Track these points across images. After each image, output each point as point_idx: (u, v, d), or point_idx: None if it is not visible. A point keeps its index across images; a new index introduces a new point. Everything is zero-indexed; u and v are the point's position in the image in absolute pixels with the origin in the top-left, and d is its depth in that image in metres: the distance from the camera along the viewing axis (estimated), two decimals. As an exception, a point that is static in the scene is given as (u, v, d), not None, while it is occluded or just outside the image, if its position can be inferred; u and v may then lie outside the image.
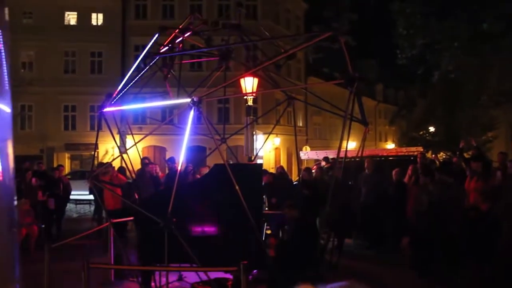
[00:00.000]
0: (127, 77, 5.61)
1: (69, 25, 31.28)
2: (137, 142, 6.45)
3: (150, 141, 27.99)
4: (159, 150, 30.02)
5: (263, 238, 6.82)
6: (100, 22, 31.48)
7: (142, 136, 7.07)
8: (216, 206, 6.21)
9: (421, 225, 7.71)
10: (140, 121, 29.36)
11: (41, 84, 28.81)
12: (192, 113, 5.04)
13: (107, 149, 29.04)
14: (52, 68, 30.05)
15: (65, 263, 7.37)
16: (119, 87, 5.55)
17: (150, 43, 5.62)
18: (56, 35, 29.57)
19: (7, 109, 2.82)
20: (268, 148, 29.41)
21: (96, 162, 11.17)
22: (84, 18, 31.08)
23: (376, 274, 7.99)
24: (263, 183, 10.07)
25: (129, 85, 5.58)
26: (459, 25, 10.63)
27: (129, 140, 18.62)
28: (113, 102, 5.50)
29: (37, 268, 5.82)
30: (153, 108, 28.64)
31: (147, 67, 5.76)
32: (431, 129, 35.02)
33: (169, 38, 6.01)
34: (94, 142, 6.63)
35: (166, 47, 6.20)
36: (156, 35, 5.64)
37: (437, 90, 29.92)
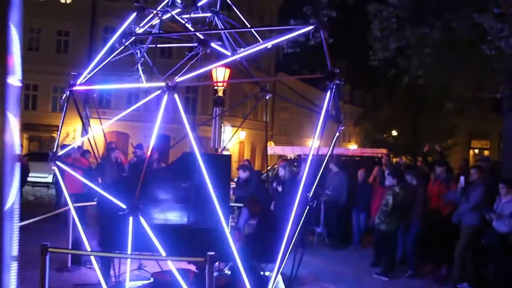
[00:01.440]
0: (99, 56, 5.38)
1: (36, 1, 30.12)
2: (105, 125, 6.22)
3: (113, 126, 27.31)
4: (122, 136, 29.41)
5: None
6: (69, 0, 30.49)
7: (106, 120, 6.83)
8: (183, 195, 6.08)
9: (385, 225, 7.80)
10: (105, 105, 28.72)
11: (3, 59, 27.68)
12: (165, 98, 4.88)
13: (68, 132, 28.25)
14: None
15: (21, 248, 7.07)
16: (90, 66, 5.33)
17: (126, 23, 5.41)
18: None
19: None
20: (233, 142, 29.30)
21: (49, 132, 10.75)
22: (52, -6, 30.03)
23: (337, 272, 8.04)
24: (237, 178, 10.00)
25: (101, 64, 5.36)
26: (432, 32, 10.78)
27: (93, 125, 18.12)
28: (83, 81, 5.27)
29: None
30: (118, 92, 28.16)
31: (122, 47, 5.55)
32: (394, 133, 35.80)
33: (147, 19, 5.82)
34: (55, 124, 6.39)
35: (142, 28, 6.01)
36: (133, 14, 5.43)
37: (403, 95, 30.55)
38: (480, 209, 6.92)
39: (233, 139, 29.19)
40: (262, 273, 6.23)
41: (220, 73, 11.37)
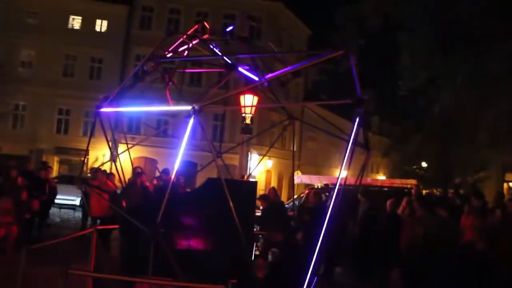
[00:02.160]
0: (127, 79, 5.42)
1: (72, 29, 31.25)
2: (130, 148, 6.23)
3: (141, 152, 27.74)
4: (150, 162, 29.67)
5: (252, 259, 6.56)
6: (104, 28, 31.47)
7: (135, 146, 6.85)
8: (206, 221, 5.97)
9: (415, 257, 7.49)
10: (134, 130, 29.14)
11: (38, 84, 28.66)
12: (191, 121, 4.84)
13: (98, 156, 28.69)
14: (51, 70, 29.89)
15: (43, 268, 7.06)
16: (118, 88, 5.36)
17: (156, 45, 5.46)
18: (58, 38, 29.45)
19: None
20: (259, 170, 29.20)
21: (85, 167, 10.93)
22: (88, 23, 31.08)
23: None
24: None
25: (129, 87, 5.39)
26: (463, 63, 10.62)
27: (121, 149, 18.34)
28: (111, 103, 5.30)
29: (13, 270, 5.52)
30: (148, 117, 28.57)
31: (149, 71, 5.58)
32: (424, 164, 35.07)
33: (176, 43, 5.86)
34: (85, 148, 6.42)
35: (171, 53, 6.06)
36: (164, 39, 5.48)
37: (433, 126, 29.98)
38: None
39: (260, 167, 29.13)
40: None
41: (248, 100, 11.35)
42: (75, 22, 31.50)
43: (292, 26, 34.18)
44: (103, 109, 5.17)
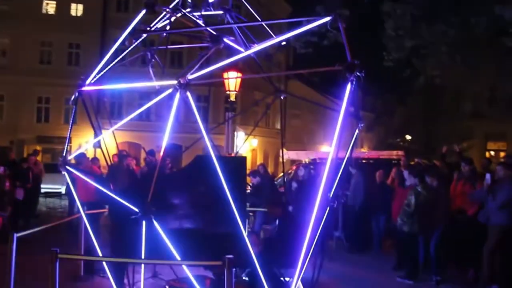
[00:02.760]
0: (107, 56, 5.21)
1: (47, 14, 30.36)
2: (114, 129, 6.02)
3: (125, 137, 27.36)
4: (134, 147, 29.35)
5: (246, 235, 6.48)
6: (79, 13, 30.65)
7: (118, 130, 6.63)
8: (197, 199, 5.85)
9: (407, 227, 7.49)
10: (117, 116, 28.77)
11: (15, 73, 27.94)
12: (177, 97, 4.67)
13: (81, 144, 28.23)
14: (27, 58, 29.09)
15: (31, 256, 6.90)
16: (99, 66, 5.15)
17: (136, 20, 5.23)
18: (33, 24, 28.58)
19: None
20: (245, 149, 29.11)
21: (69, 149, 10.67)
22: (63, 8, 30.20)
23: (360, 277, 7.75)
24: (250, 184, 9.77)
25: (111, 64, 5.18)
26: (449, 30, 10.52)
27: (105, 134, 17.98)
28: (92, 81, 5.10)
29: (0, 261, 5.36)
30: (130, 101, 28.17)
31: (132, 46, 5.38)
32: (408, 137, 35.37)
33: (158, 19, 5.65)
34: (68, 136, 6.19)
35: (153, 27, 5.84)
36: (142, 12, 5.25)
37: (417, 98, 30.18)
38: (508, 207, 6.60)
39: (246, 147, 29.02)
40: (281, 278, 5.97)
41: (232, 77, 11.18)
42: (49, 7, 30.62)
43: (272, 3, 33.74)
44: (85, 88, 4.96)
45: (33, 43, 29.45)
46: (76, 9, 30.57)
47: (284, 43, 5.72)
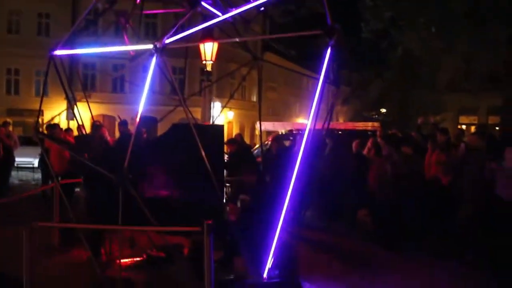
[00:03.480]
0: (80, 18, 5.01)
1: (14, -18, 29.20)
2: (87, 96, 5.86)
3: (99, 109, 26.87)
4: (109, 119, 28.89)
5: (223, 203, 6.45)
6: (49, -19, 29.53)
7: (92, 102, 6.46)
8: (174, 167, 5.77)
9: (384, 195, 7.58)
10: (90, 88, 28.18)
11: (-19, 44, 26.97)
12: (154, 61, 4.55)
13: (53, 116, 27.67)
14: (-6, 27, 28.06)
15: (5, 228, 6.77)
16: (72, 29, 4.96)
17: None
18: (0, -8, 27.51)
19: None
20: (221, 122, 28.99)
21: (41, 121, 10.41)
22: (32, -25, 29.04)
23: (336, 245, 7.85)
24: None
25: (82, 28, 4.99)
26: (426, 2, 10.51)
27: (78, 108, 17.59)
28: (64, 46, 4.91)
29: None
30: (103, 74, 27.59)
31: (103, 10, 5.18)
32: (383, 110, 35.72)
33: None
34: (39, 108, 6.01)
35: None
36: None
37: (394, 71, 30.31)
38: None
39: (222, 119, 28.88)
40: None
41: (208, 48, 10.99)
42: (17, -26, 29.41)
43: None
44: (57, 52, 4.78)
45: (0, 12, 28.34)
46: (46, -23, 29.44)
47: (262, 8, 5.59)
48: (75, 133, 10.25)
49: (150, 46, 4.49)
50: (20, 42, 28.20)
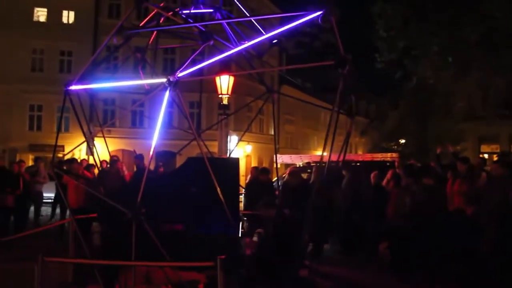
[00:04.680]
0: (95, 54, 5.10)
1: (38, 22, 30.20)
2: (106, 136, 5.91)
3: (118, 144, 27.22)
4: (128, 154, 29.16)
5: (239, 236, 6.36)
6: (71, 20, 30.48)
7: (112, 137, 6.54)
8: (190, 201, 5.73)
9: (403, 227, 7.38)
10: (110, 124, 28.59)
11: (6, 81, 27.73)
12: (167, 94, 4.57)
13: (74, 153, 28.01)
14: (19, 65, 28.86)
15: (21, 263, 6.74)
16: (87, 64, 5.04)
17: (125, 17, 5.13)
18: (24, 31, 28.40)
19: None
20: (239, 155, 29.03)
21: (60, 156, 10.51)
22: (54, 15, 30.01)
23: (356, 280, 7.63)
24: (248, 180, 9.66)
25: (98, 63, 5.07)
26: (438, 30, 10.51)
27: (97, 143, 17.83)
28: (80, 81, 4.98)
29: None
30: (123, 110, 27.99)
31: (119, 44, 5.27)
32: (402, 141, 35.39)
33: (148, 17, 5.55)
34: (61, 144, 6.12)
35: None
36: (132, 9, 5.15)
37: (409, 101, 30.18)
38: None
39: (240, 153, 28.93)
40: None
41: (224, 80, 11.10)
42: (40, 14, 30.43)
43: (262, 8, 33.74)
44: (73, 87, 4.85)
45: (25, 51, 29.25)
46: (68, 16, 30.41)
47: (275, 41, 5.63)
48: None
49: (164, 79, 4.52)
50: (43, 79, 28.94)
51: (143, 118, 29.75)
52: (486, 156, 33.08)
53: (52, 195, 13.19)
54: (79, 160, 12.01)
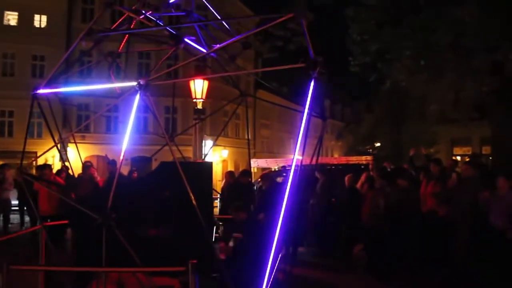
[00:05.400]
0: (64, 57, 5.01)
1: (9, 25, 29.59)
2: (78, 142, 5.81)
3: (92, 150, 26.86)
4: (102, 160, 28.76)
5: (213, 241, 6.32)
6: (43, 24, 29.96)
7: (86, 143, 6.44)
8: (162, 206, 5.67)
9: (378, 229, 7.45)
10: (84, 129, 28.17)
11: (-24, 86, 27.11)
12: (137, 98, 4.51)
13: (47, 159, 27.48)
14: (-11, 71, 28.28)
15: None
16: (55, 68, 4.95)
17: (94, 19, 5.06)
18: (-7, 36, 27.86)
19: None
20: (216, 160, 28.92)
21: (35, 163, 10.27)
22: (26, 19, 29.43)
23: (331, 282, 7.66)
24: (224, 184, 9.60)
25: (69, 66, 4.98)
26: (411, 33, 10.68)
27: (70, 149, 17.50)
28: (48, 85, 4.88)
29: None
30: (97, 116, 27.63)
31: (88, 49, 5.18)
32: (377, 144, 35.85)
33: (119, 20, 5.48)
34: (33, 150, 5.98)
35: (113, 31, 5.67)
36: (102, 11, 5.07)
37: (384, 104, 30.60)
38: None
39: (216, 158, 28.83)
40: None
41: (198, 84, 11.04)
42: (11, 18, 29.83)
43: (236, 10, 33.77)
44: (40, 91, 4.74)
45: (-5, 56, 28.68)
46: (40, 20, 29.88)
47: (248, 44, 5.61)
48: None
49: (134, 83, 4.47)
50: (14, 84, 28.34)
51: (117, 124, 29.42)
52: (459, 158, 33.76)
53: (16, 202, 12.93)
54: (52, 166, 11.79)
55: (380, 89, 14.95)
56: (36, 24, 29.86)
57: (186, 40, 4.70)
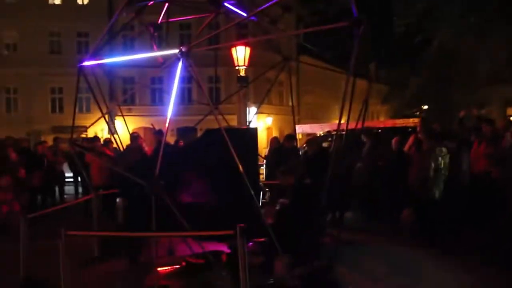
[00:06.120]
0: (106, 29, 5.07)
1: (54, 4, 30.32)
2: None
3: (139, 122, 27.41)
4: (149, 132, 29.39)
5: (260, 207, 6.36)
6: (86, 1, 30.54)
7: (132, 115, 6.58)
8: (209, 173, 5.74)
9: (425, 192, 7.25)
10: (130, 102, 28.81)
11: (26, 65, 28.07)
12: (180, 65, 4.53)
13: (96, 132, 28.38)
14: (37, 49, 29.17)
15: (47, 239, 6.89)
16: (97, 41, 5.02)
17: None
18: (40, 15, 28.60)
19: None
20: (260, 128, 28.97)
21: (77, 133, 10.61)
22: (69, -3, 30.12)
23: (379, 246, 7.59)
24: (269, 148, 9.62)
25: (112, 39, 5.05)
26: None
27: (118, 122, 17.97)
28: (92, 57, 4.97)
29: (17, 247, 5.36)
30: (142, 88, 28.14)
31: (128, 19, 5.23)
32: (425, 107, 34.77)
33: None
34: (83, 125, 6.20)
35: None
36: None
37: (431, 66, 29.41)
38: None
39: (261, 125, 28.86)
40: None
41: (240, 51, 10.96)
42: (55, -3, 30.58)
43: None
44: (85, 63, 4.84)
45: (42, 34, 29.49)
46: (82, -3, 30.50)
47: (288, 7, 5.49)
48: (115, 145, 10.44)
49: (176, 51, 4.48)
50: (62, 61, 29.15)
51: (162, 95, 29.86)
52: (512, 119, 32.27)
53: (70, 175, 13.46)
54: (101, 139, 12.15)
55: (426, 51, 14.30)
56: (79, 1, 30.42)
57: (225, 4, 4.64)
